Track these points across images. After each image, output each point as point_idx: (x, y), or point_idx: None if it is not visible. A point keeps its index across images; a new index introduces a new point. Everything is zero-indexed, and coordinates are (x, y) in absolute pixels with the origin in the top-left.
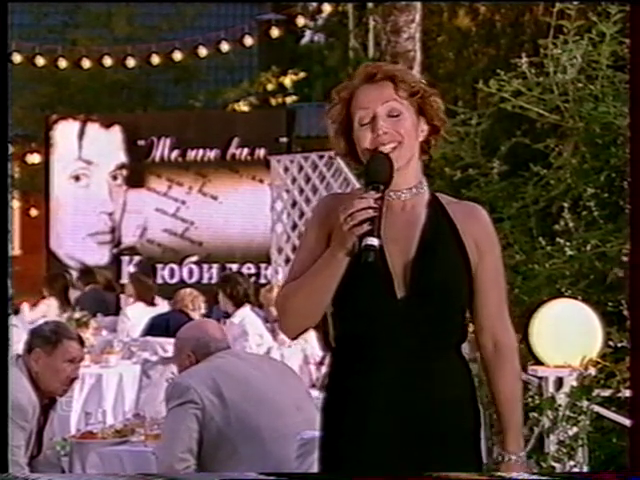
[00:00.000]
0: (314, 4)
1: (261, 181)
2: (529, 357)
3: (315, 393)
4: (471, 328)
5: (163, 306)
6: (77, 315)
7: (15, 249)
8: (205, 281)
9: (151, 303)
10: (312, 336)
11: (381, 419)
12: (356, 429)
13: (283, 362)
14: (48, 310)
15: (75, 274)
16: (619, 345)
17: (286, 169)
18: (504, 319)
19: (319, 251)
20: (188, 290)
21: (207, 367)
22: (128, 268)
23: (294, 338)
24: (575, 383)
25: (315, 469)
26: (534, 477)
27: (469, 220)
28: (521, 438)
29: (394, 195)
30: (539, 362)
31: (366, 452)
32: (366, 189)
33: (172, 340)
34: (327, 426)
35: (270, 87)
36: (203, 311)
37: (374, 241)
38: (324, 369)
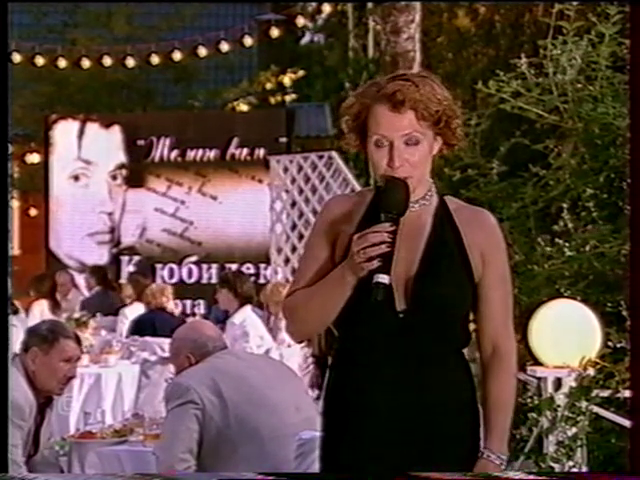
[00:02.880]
0: (314, 4)
1: (260, 181)
2: (528, 357)
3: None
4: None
5: None
6: (76, 315)
7: (15, 249)
8: (204, 281)
9: None
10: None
11: (380, 423)
12: (356, 433)
13: (282, 362)
14: (42, 312)
15: (85, 274)
16: (618, 346)
17: (285, 169)
18: (507, 326)
19: (325, 258)
20: (154, 286)
21: (207, 367)
22: (127, 268)
23: (300, 342)
24: (574, 383)
25: (314, 469)
26: (531, 477)
27: (475, 228)
28: (505, 441)
29: None
30: (538, 362)
31: (365, 456)
32: (381, 218)
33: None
34: (328, 428)
35: (269, 86)
36: (172, 300)
37: (385, 279)
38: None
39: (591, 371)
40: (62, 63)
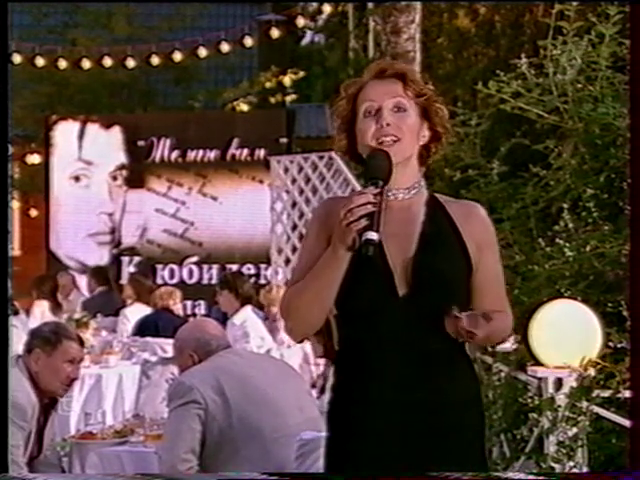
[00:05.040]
0: (314, 4)
1: (261, 182)
2: (528, 357)
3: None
4: None
5: None
6: (77, 315)
7: (15, 249)
8: (205, 282)
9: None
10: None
11: (386, 419)
12: (361, 429)
13: (285, 361)
14: (43, 313)
15: (86, 275)
16: (619, 346)
17: (286, 170)
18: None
19: (320, 253)
20: (163, 289)
21: (210, 367)
22: (128, 269)
23: (300, 341)
24: (575, 384)
25: (314, 469)
26: (531, 477)
27: (469, 219)
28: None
29: (392, 194)
30: (538, 363)
31: (371, 452)
32: (365, 185)
33: (172, 341)
34: (333, 427)
35: (269, 86)
36: (180, 305)
37: (373, 235)
38: (321, 369)
39: (592, 371)
40: (62, 64)
